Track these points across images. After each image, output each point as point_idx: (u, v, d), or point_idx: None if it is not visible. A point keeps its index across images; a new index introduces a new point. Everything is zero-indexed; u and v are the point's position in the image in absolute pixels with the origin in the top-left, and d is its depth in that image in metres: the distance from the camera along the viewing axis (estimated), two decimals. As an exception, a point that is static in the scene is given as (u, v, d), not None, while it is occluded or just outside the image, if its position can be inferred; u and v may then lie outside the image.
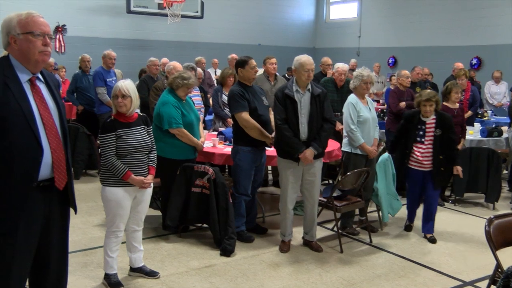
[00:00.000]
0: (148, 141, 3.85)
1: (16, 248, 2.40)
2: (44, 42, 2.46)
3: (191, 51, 12.83)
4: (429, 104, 4.96)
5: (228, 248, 4.59)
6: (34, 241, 2.51)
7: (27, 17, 2.44)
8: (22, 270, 2.50)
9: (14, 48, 2.44)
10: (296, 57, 4.65)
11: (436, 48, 13.19)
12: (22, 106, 2.37)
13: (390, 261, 4.63)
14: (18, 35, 2.42)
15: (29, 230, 2.45)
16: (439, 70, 11.48)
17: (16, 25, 2.42)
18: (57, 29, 12.02)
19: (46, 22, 2.51)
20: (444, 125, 5.01)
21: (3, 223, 2.35)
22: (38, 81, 2.53)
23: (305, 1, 16.88)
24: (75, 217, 4.19)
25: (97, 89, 7.48)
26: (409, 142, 5.09)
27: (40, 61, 2.47)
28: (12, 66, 2.43)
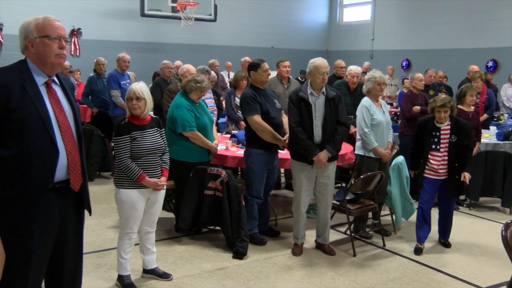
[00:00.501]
0: (161, 143, 3.88)
1: (32, 248, 2.43)
2: (60, 45, 2.49)
3: (204, 54, 12.89)
4: (444, 110, 4.71)
5: (241, 250, 4.59)
6: (50, 242, 2.54)
7: (44, 21, 2.48)
8: (39, 271, 2.53)
9: (31, 52, 2.48)
10: (310, 60, 4.64)
11: (451, 50, 13.08)
12: (39, 109, 2.40)
13: (403, 265, 4.59)
14: (35, 39, 2.46)
15: (45, 231, 2.48)
16: (454, 72, 11.38)
17: (34, 29, 2.46)
18: (72, 32, 12.15)
19: (62, 25, 2.55)
20: (460, 131, 4.79)
21: (20, 224, 2.38)
22: (54, 84, 2.57)
23: (319, 4, 16.87)
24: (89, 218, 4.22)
25: (111, 91, 7.54)
26: (425, 150, 4.85)
27: (56, 64, 2.51)
28: (29, 69, 2.47)
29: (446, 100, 4.73)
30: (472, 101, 6.11)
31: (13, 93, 2.35)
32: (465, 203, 6.54)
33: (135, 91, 3.75)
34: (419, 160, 4.91)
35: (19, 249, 2.29)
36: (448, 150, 4.77)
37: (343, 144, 5.08)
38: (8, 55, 10.73)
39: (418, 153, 4.93)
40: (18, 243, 2.29)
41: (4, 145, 2.35)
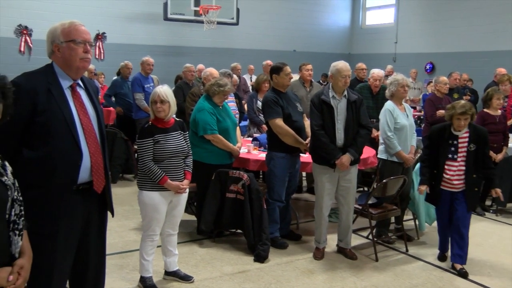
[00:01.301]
0: (184, 146, 3.90)
1: (57, 249, 2.48)
2: (85, 49, 2.54)
3: (227, 57, 12.94)
4: (464, 117, 4.32)
5: (262, 254, 4.59)
6: (74, 242, 2.58)
7: (70, 26, 2.54)
8: (63, 271, 2.57)
9: (57, 56, 2.54)
10: (333, 63, 4.63)
11: (477, 53, 12.85)
12: (64, 112, 2.46)
13: (427, 271, 4.52)
14: (62, 43, 2.52)
15: (69, 232, 2.53)
16: (480, 76, 11.18)
17: (60, 34, 2.52)
18: (97, 36, 12.35)
19: (87, 30, 2.60)
20: (479, 139, 4.38)
21: (46, 225, 2.42)
22: (79, 87, 2.62)
23: (341, 7, 16.78)
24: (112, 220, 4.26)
25: (135, 94, 7.63)
26: (441, 160, 4.43)
27: (81, 67, 2.56)
28: (55, 73, 2.53)
29: (467, 106, 4.37)
30: (499, 104, 6.00)
31: (40, 97, 2.40)
32: (491, 209, 6.42)
33: (159, 94, 3.78)
34: (433, 172, 4.51)
35: (43, 249, 2.33)
36: (465, 159, 4.37)
37: (366, 148, 5.05)
38: (37, 59, 10.96)
39: (432, 164, 4.52)
40: (43, 243, 2.33)
41: (31, 147, 2.41)
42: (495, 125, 5.95)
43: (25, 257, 1.95)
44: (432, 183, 4.50)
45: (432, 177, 4.52)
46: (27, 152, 2.40)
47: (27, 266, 1.95)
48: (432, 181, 4.51)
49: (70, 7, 11.52)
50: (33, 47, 11.55)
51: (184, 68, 7.86)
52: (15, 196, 1.92)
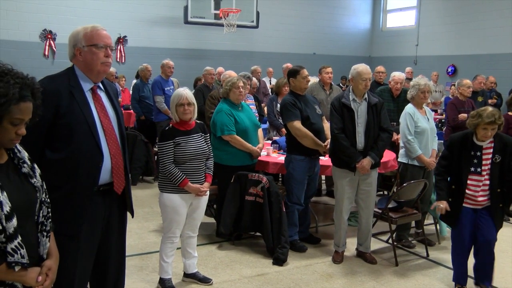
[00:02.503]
0: (205, 149, 3.92)
1: (80, 249, 2.52)
2: (106, 53, 2.58)
3: (247, 60, 12.98)
4: (492, 127, 3.76)
5: (281, 257, 4.58)
6: (95, 243, 2.62)
7: (92, 31, 2.58)
8: (85, 271, 2.61)
9: (79, 60, 2.58)
10: (353, 66, 4.61)
11: (500, 55, 12.64)
12: (85, 114, 2.50)
13: (448, 277, 4.45)
14: (83, 47, 2.56)
15: (91, 232, 2.57)
16: (503, 78, 11.01)
17: (82, 38, 2.56)
18: (118, 40, 12.51)
19: (109, 35, 2.64)
20: (505, 148, 3.84)
21: (68, 225, 2.46)
22: (99, 90, 2.66)
23: (361, 10, 16.69)
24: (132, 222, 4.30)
25: (155, 97, 7.70)
26: (463, 174, 3.89)
27: (101, 71, 2.61)
28: (77, 76, 2.57)
29: (496, 115, 3.76)
30: (523, 107, 5.89)
31: (62, 99, 2.45)
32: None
33: (186, 96, 3.81)
34: (452, 187, 3.98)
35: (66, 249, 2.37)
36: (490, 173, 3.86)
37: (386, 151, 5.00)
38: (60, 63, 11.17)
39: (450, 178, 4.01)
40: (65, 243, 2.37)
41: (54, 148, 2.46)
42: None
43: (52, 259, 1.99)
44: (449, 200, 3.95)
45: (450, 193, 3.97)
46: (49, 154, 2.45)
47: (55, 268, 1.99)
48: (450, 197, 3.96)
49: (93, 11, 11.71)
50: (56, 51, 11.77)
51: (204, 71, 7.91)
52: (43, 198, 1.97)
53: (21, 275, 1.81)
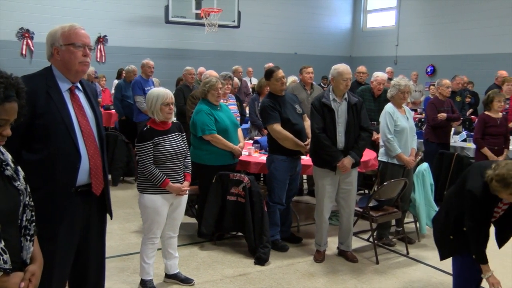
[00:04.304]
0: (183, 148, 3.91)
1: (57, 251, 2.48)
2: (84, 53, 2.55)
3: (229, 60, 12.96)
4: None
5: (263, 256, 4.58)
6: (73, 245, 2.59)
7: (70, 29, 2.54)
8: (63, 274, 2.58)
9: (56, 59, 2.55)
10: (333, 66, 4.64)
11: (477, 56, 12.86)
12: (63, 114, 2.47)
13: (428, 274, 4.52)
14: (61, 46, 2.53)
15: (69, 234, 2.53)
16: (480, 78, 11.19)
17: (60, 37, 2.53)
18: (98, 39, 12.38)
19: (87, 34, 2.61)
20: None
21: (45, 227, 2.41)
22: (77, 90, 2.63)
23: (342, 10, 16.81)
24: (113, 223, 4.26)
25: (136, 97, 7.63)
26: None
27: (79, 71, 2.57)
28: (54, 76, 2.54)
29: None
30: (500, 107, 6.00)
31: (39, 99, 2.41)
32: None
33: (171, 96, 3.80)
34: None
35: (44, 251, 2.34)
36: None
37: (366, 150, 5.05)
38: (38, 62, 10.99)
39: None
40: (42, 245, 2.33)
41: (30, 149, 2.42)
42: (496, 128, 5.95)
43: (36, 263, 1.94)
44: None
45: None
46: (26, 155, 2.41)
47: (38, 273, 1.94)
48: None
49: (71, 10, 11.58)
50: (34, 50, 11.61)
51: (185, 71, 7.87)
52: (26, 201, 1.92)
53: (3, 281, 1.76)
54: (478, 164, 3.31)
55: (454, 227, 3.34)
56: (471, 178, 3.17)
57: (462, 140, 7.24)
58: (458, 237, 3.34)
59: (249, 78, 12.07)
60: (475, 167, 3.26)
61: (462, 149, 6.92)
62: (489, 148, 5.94)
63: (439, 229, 3.54)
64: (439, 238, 3.56)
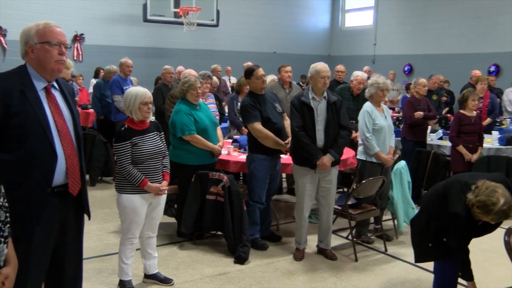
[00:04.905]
0: (162, 147, 3.88)
1: (32, 253, 2.43)
2: (60, 51, 2.51)
3: (207, 59, 12.93)
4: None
5: (242, 255, 4.59)
6: (49, 246, 2.54)
7: (45, 27, 2.49)
8: (38, 276, 2.53)
9: (31, 57, 2.49)
10: (312, 64, 4.66)
11: (453, 55, 13.08)
12: (38, 114, 2.42)
13: (406, 270, 4.58)
14: (36, 44, 2.47)
15: (44, 235, 2.49)
16: (456, 77, 11.38)
17: (34, 35, 2.48)
18: (75, 38, 12.22)
19: (63, 32, 2.56)
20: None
21: (20, 228, 2.37)
22: (54, 89, 2.58)
23: (321, 9, 16.90)
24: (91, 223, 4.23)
25: (114, 96, 7.55)
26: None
27: (55, 69, 2.53)
28: (29, 74, 2.49)
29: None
30: (474, 105, 6.11)
31: (13, 98, 2.36)
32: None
33: (149, 95, 3.77)
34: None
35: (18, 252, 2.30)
36: None
37: (345, 149, 5.09)
38: (11, 60, 10.78)
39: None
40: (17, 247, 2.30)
41: (4, 149, 2.37)
42: (470, 126, 6.05)
43: (10, 266, 1.90)
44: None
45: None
46: (1, 155, 2.36)
47: (12, 276, 1.90)
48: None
49: (46, 8, 11.40)
50: (7, 48, 11.38)
51: (163, 70, 7.82)
52: (0, 202, 1.88)
53: None
54: (458, 181, 3.34)
55: (433, 237, 3.45)
56: (454, 200, 3.23)
57: (438, 138, 7.35)
58: (437, 246, 3.48)
59: (228, 77, 12.05)
60: (455, 185, 3.31)
61: (439, 147, 7.03)
62: (464, 146, 6.05)
63: (418, 235, 3.65)
64: (417, 243, 3.68)
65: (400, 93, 12.05)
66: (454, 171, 6.21)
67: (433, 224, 3.46)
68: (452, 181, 3.45)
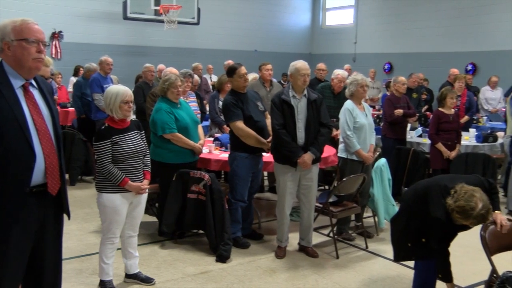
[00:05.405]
0: (142, 146, 3.86)
1: (9, 254, 2.40)
2: (38, 49, 2.46)
3: (188, 57, 12.86)
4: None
5: (224, 254, 4.58)
6: (27, 247, 2.50)
7: (22, 24, 2.45)
8: (15, 278, 2.49)
9: (7, 54, 2.45)
10: (292, 62, 4.67)
11: (432, 54, 13.26)
12: (15, 112, 2.38)
13: (386, 267, 4.63)
14: (12, 42, 2.43)
15: (22, 236, 2.45)
16: (435, 76, 11.53)
17: (11, 31, 2.43)
18: (53, 35, 12.04)
19: (41, 29, 2.52)
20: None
21: None
22: (32, 87, 2.53)
23: (302, 7, 16.96)
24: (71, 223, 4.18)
25: (94, 95, 7.47)
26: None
27: (33, 67, 2.48)
28: (5, 72, 2.44)
29: (487, 212, 3.15)
30: (452, 103, 6.20)
31: None
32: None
33: (130, 94, 3.74)
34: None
35: None
36: None
37: (326, 147, 5.11)
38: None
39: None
40: None
41: None
42: (449, 124, 6.14)
43: None
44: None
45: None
46: None
47: None
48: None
49: (24, 4, 11.20)
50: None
51: (144, 68, 7.77)
52: None
53: None
54: (437, 185, 3.40)
55: (413, 237, 3.52)
56: (434, 204, 3.31)
57: (418, 136, 7.44)
58: (416, 246, 3.56)
59: (209, 75, 12.01)
60: (435, 189, 3.38)
61: (418, 145, 7.12)
62: (443, 143, 6.13)
63: (398, 234, 3.72)
64: (397, 242, 3.75)
65: (380, 91, 12.16)
66: (433, 168, 6.31)
67: (413, 224, 3.52)
68: (432, 183, 3.51)
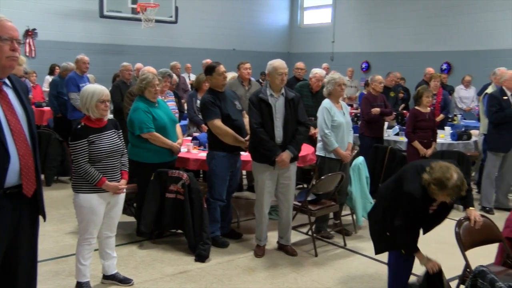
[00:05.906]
0: (120, 145, 3.82)
1: None
2: (12, 47, 2.41)
3: (166, 56, 12.78)
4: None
5: (203, 253, 4.57)
6: (1, 249, 2.45)
7: None
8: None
9: None
10: (269, 61, 4.68)
11: (408, 53, 13.43)
12: None
13: (364, 264, 4.67)
14: None
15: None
16: (411, 75, 11.69)
17: None
18: (27, 33, 11.82)
19: (15, 26, 2.46)
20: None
21: None
22: (5, 86, 2.48)
23: (280, 7, 16.99)
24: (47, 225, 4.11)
25: (70, 94, 7.37)
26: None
27: (7, 66, 2.43)
28: None
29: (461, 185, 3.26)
30: (428, 102, 6.29)
31: None
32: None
33: (107, 93, 3.70)
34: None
35: None
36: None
37: (304, 145, 5.14)
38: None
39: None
40: None
41: None
42: (425, 122, 6.24)
43: None
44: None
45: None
46: None
47: None
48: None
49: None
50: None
51: (121, 67, 7.69)
52: None
53: None
54: (413, 166, 3.48)
55: (390, 225, 3.52)
56: (409, 181, 3.34)
57: (395, 134, 7.54)
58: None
59: (187, 74, 11.95)
60: (410, 169, 3.44)
61: (395, 143, 7.20)
62: (419, 141, 6.22)
63: (376, 225, 3.75)
64: (375, 233, 3.78)
65: (358, 90, 12.27)
66: (410, 165, 6.37)
67: (389, 212, 3.54)
68: (407, 166, 3.57)
